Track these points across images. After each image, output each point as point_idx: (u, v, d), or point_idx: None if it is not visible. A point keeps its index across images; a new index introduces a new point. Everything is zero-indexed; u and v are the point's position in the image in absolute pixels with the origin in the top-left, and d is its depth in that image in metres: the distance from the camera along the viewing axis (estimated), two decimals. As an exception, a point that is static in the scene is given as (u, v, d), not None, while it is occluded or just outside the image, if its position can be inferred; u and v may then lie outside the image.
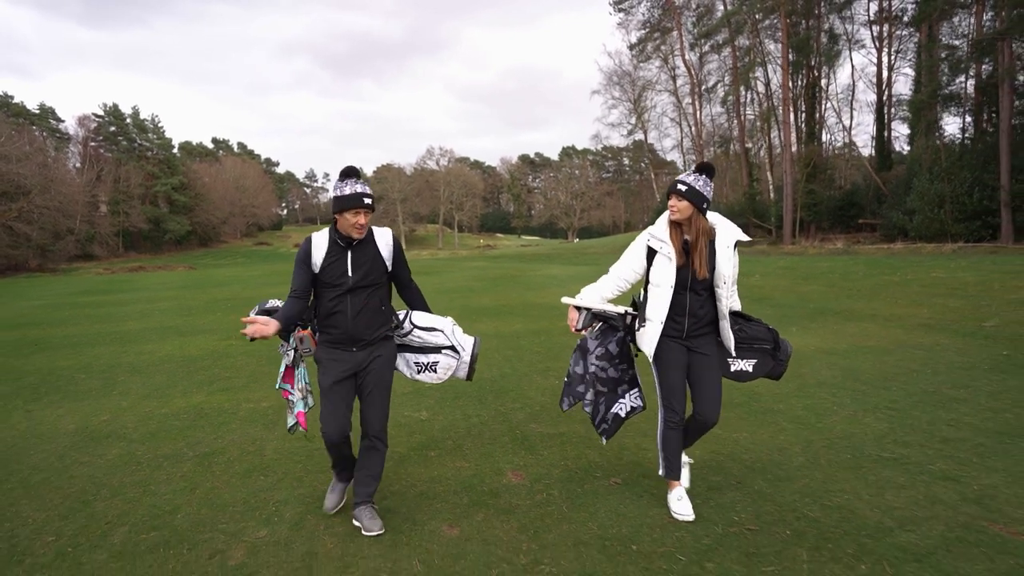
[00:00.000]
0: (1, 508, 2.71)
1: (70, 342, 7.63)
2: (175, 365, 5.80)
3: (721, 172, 36.77)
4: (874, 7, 28.09)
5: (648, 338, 2.41)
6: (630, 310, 2.55)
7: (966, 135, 24.71)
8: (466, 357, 2.56)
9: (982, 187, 21.04)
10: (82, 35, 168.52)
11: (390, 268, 2.43)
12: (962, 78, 23.76)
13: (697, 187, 2.30)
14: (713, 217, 2.39)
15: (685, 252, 2.35)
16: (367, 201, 2.25)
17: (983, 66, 22.25)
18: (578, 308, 2.54)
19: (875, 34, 28.38)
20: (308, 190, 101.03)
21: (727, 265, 2.33)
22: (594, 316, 2.55)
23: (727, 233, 2.36)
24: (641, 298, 2.52)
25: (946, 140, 24.49)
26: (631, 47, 36.23)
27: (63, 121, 53.16)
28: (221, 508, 2.64)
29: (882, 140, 29.62)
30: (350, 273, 2.32)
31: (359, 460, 2.46)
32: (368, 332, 2.36)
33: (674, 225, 2.37)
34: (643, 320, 2.44)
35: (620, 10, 35.69)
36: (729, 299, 2.39)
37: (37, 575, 2.15)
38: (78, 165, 51.11)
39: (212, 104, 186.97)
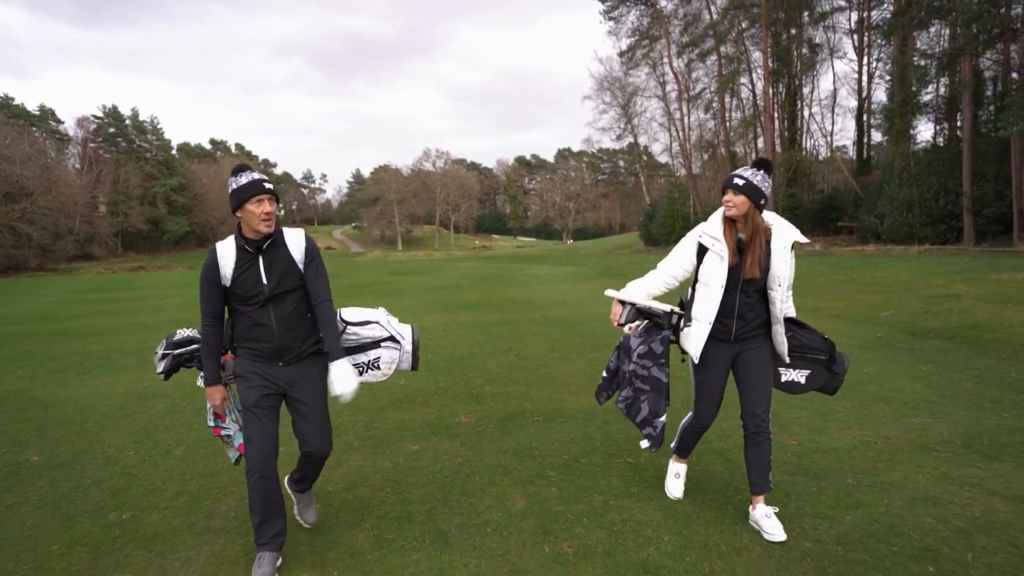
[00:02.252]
0: (89, 436, 3.73)
1: (95, 332, 8.60)
2: (195, 348, 6.80)
3: (707, 176, 37.90)
4: (855, 17, 29.30)
5: (694, 339, 2.33)
6: (676, 309, 2.47)
7: (937, 141, 25.86)
8: (407, 346, 2.41)
9: (947, 192, 22.16)
10: (75, 35, 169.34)
11: (303, 270, 2.16)
12: (931, 87, 24.96)
13: (755, 182, 2.20)
14: (769, 216, 2.29)
15: (739, 251, 2.26)
16: (268, 186, 2.08)
17: (955, 77, 23.38)
18: (622, 303, 2.46)
19: (856, 43, 29.57)
20: (305, 191, 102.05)
21: (783, 267, 2.22)
22: (638, 312, 2.45)
23: (784, 233, 2.26)
24: (689, 297, 2.43)
25: (917, 147, 25.61)
26: (621, 54, 37.31)
27: (63, 122, 53.92)
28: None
29: (862, 145, 30.76)
30: (264, 280, 2.08)
31: (299, 469, 2.32)
32: (298, 344, 2.15)
33: (728, 222, 2.28)
34: (689, 320, 2.37)
35: (610, 19, 36.79)
36: (784, 303, 2.28)
37: (131, 470, 3.16)
38: (77, 166, 51.81)
39: (209, 105, 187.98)
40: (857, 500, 2.50)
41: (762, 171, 2.24)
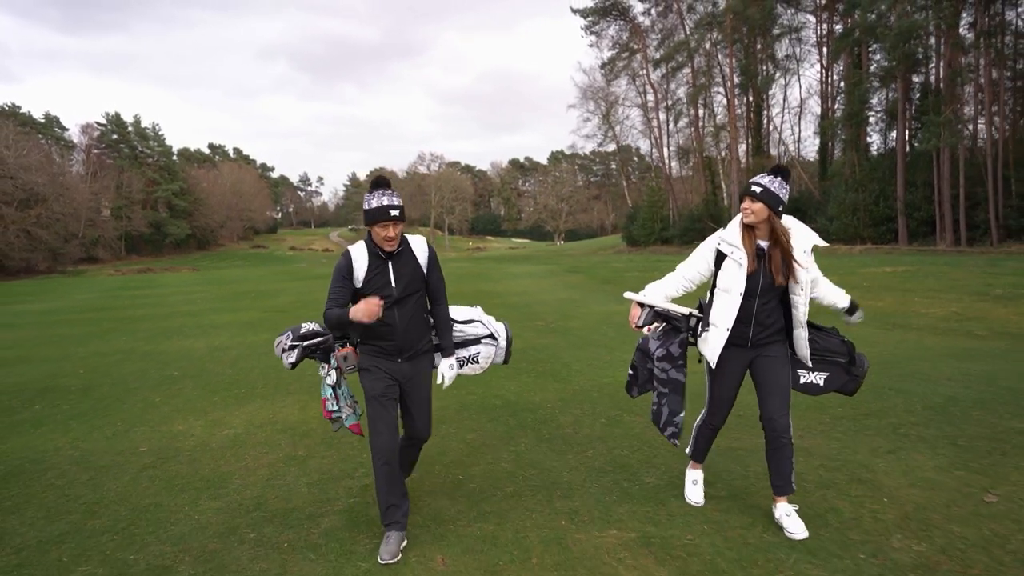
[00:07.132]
0: (199, 365, 6.07)
1: (151, 317, 10.85)
2: (241, 324, 9.13)
3: (684, 180, 40.40)
4: (821, 30, 31.68)
5: (712, 345, 2.38)
6: (695, 312, 2.52)
7: (887, 148, 28.33)
8: (503, 343, 2.64)
9: (886, 197, 24.63)
10: (63, 41, 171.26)
11: (426, 275, 2.43)
12: (884, 99, 27.44)
13: (773, 189, 2.25)
14: (787, 221, 2.33)
15: (757, 257, 2.30)
16: (394, 214, 2.28)
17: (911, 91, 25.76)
18: (641, 305, 2.50)
19: (820, 55, 32.00)
20: (302, 193, 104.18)
21: (803, 272, 2.28)
22: (656, 315, 2.50)
23: (803, 237, 2.31)
24: (708, 301, 2.48)
25: (866, 155, 28.07)
26: (602, 65, 39.63)
27: (67, 129, 55.75)
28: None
29: (825, 151, 33.16)
30: (393, 284, 2.32)
31: (401, 454, 2.54)
32: (416, 342, 2.40)
33: (747, 229, 2.32)
34: (707, 324, 2.42)
35: (592, 33, 39.14)
36: (806, 307, 2.32)
37: (234, 378, 5.49)
38: (81, 172, 53.58)
39: (198, 109, 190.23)
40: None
41: (779, 178, 2.29)
